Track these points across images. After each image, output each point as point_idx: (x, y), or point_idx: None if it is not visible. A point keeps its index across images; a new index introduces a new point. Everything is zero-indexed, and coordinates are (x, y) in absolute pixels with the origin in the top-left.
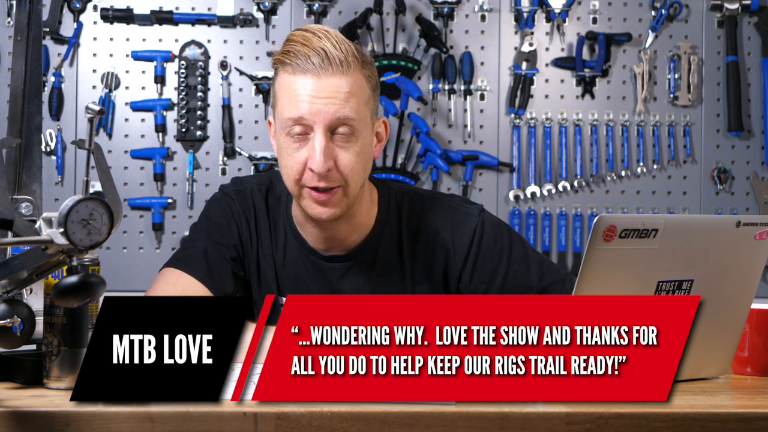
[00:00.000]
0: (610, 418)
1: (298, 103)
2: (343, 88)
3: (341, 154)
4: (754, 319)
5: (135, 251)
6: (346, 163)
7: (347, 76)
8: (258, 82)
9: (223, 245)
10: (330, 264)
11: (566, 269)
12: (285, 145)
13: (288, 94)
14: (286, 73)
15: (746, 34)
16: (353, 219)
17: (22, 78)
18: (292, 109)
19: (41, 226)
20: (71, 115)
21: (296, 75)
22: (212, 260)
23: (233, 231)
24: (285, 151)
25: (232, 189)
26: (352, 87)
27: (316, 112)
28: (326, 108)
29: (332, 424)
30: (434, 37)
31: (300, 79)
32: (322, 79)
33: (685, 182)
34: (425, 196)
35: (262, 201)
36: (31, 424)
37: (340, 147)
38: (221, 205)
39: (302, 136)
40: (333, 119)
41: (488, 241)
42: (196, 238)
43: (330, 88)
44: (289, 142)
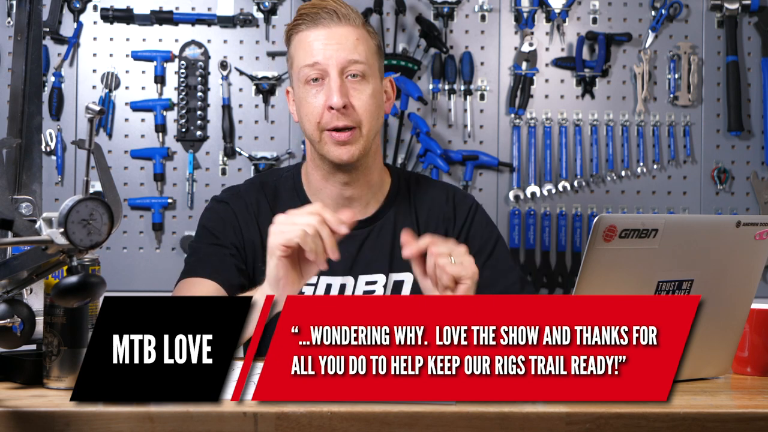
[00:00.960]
0: (610, 418)
1: (312, 51)
2: (351, 36)
3: (355, 96)
4: (754, 319)
5: (135, 251)
6: (359, 103)
7: (354, 28)
8: (258, 82)
9: (222, 245)
10: (350, 231)
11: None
12: (304, 93)
13: (303, 47)
14: (300, 32)
15: (746, 34)
16: (368, 174)
17: (22, 78)
18: (308, 57)
19: (41, 226)
20: (71, 115)
21: (309, 30)
22: (214, 259)
23: (228, 232)
24: (305, 99)
25: (224, 194)
26: (360, 36)
27: (329, 56)
28: (338, 53)
29: (332, 424)
30: (434, 37)
31: (312, 32)
32: (332, 29)
33: (685, 182)
34: (428, 177)
35: (261, 194)
36: (31, 424)
37: (353, 89)
38: (214, 211)
39: (318, 81)
40: (345, 61)
41: (481, 219)
42: (196, 247)
43: (339, 36)
44: (308, 89)
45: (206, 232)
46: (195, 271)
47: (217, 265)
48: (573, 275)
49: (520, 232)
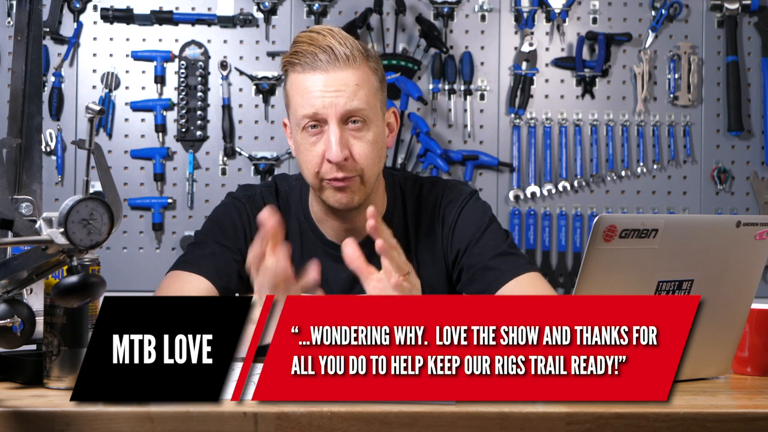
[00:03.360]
0: (610, 418)
1: (310, 100)
2: (351, 81)
3: (356, 144)
4: (754, 319)
5: (135, 251)
6: (360, 152)
7: (354, 70)
8: (258, 82)
9: (230, 249)
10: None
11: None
12: (302, 141)
13: (300, 93)
14: (296, 73)
15: (746, 34)
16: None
17: (22, 78)
18: (306, 106)
19: (41, 226)
20: (71, 115)
21: (306, 73)
22: (219, 261)
23: (239, 236)
24: (302, 147)
25: (241, 194)
26: (360, 79)
27: (328, 105)
28: (337, 100)
29: (332, 424)
30: (434, 37)
31: (310, 77)
32: (330, 74)
33: (685, 182)
34: (424, 179)
35: (274, 202)
36: (31, 424)
37: (353, 137)
38: (229, 209)
39: (317, 129)
40: (344, 110)
41: (469, 210)
42: (203, 241)
43: (339, 82)
44: (306, 137)
45: (217, 229)
46: (196, 266)
47: (219, 266)
48: (573, 275)
49: (520, 232)
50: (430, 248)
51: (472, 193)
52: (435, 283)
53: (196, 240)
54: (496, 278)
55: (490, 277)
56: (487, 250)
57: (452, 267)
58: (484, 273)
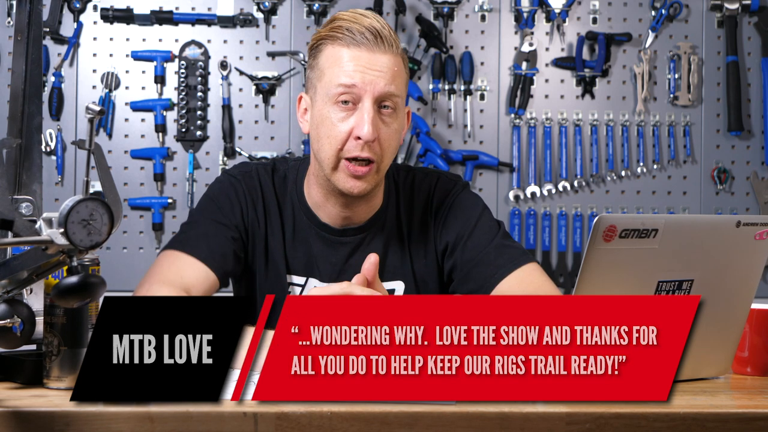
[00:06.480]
0: (610, 418)
1: (351, 72)
2: (392, 66)
3: (383, 129)
4: (754, 319)
5: (135, 251)
6: (386, 137)
7: (394, 56)
8: (258, 82)
9: (225, 225)
10: (342, 238)
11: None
12: (329, 114)
13: (339, 64)
14: (336, 45)
15: (746, 34)
16: (371, 200)
17: (22, 78)
18: (345, 76)
19: (41, 226)
20: (71, 115)
21: (350, 47)
22: (213, 240)
23: (236, 212)
24: (329, 120)
25: (237, 170)
26: (398, 67)
27: (369, 82)
28: (378, 80)
29: (332, 424)
30: (434, 37)
31: (354, 51)
32: (375, 54)
33: (685, 182)
34: (416, 170)
35: (269, 180)
36: (31, 424)
37: (383, 122)
38: (225, 186)
39: (349, 105)
40: (382, 92)
41: (461, 201)
42: (197, 219)
43: (382, 63)
44: (336, 110)
45: (212, 206)
46: (190, 246)
47: (214, 248)
48: (573, 275)
49: (520, 232)
50: (423, 242)
51: (464, 185)
52: (427, 278)
53: (190, 219)
54: (492, 274)
55: (486, 273)
56: (480, 244)
57: (442, 259)
58: (479, 269)
